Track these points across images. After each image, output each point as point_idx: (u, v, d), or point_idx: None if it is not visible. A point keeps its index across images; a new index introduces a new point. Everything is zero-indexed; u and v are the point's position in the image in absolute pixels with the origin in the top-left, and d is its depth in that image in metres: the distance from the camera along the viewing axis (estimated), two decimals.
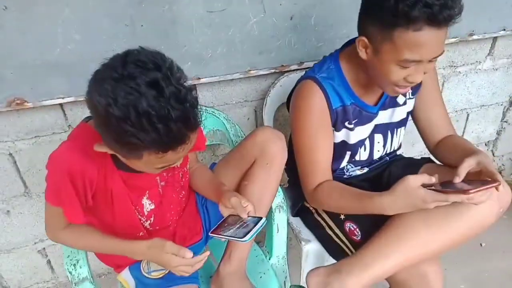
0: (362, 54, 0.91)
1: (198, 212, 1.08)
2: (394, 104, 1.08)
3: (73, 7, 1.02)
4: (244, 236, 0.79)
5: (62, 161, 0.76)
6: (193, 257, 0.83)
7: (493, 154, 2.02)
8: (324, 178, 1.03)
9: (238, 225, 0.84)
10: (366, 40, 0.89)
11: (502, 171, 2.08)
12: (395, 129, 1.13)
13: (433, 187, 0.82)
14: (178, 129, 0.64)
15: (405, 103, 1.09)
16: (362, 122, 1.05)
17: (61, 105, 1.20)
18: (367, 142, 1.10)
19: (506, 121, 1.92)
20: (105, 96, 0.62)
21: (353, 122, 1.04)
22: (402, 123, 1.13)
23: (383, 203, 0.88)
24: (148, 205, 0.90)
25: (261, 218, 0.83)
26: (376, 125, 1.08)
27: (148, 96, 0.61)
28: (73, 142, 0.79)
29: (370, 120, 1.06)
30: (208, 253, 0.85)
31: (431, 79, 1.08)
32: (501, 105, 1.87)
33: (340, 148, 1.07)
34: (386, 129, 1.11)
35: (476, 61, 1.68)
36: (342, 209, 1.04)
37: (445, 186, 0.83)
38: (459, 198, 0.78)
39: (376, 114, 1.06)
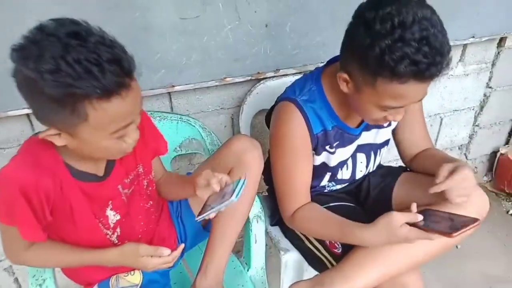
0: (343, 87, 0.87)
1: (172, 224, 1.05)
2: (378, 125, 1.04)
3: (36, 13, 0.97)
4: (231, 196, 0.75)
5: (13, 178, 0.70)
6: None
7: (466, 158, 2.07)
8: (302, 202, 1.01)
9: (220, 197, 0.80)
10: (347, 77, 0.84)
11: (475, 174, 2.13)
12: (379, 150, 1.10)
13: (416, 224, 0.81)
14: (113, 70, 0.61)
15: (389, 124, 1.06)
16: (343, 144, 1.02)
17: (27, 115, 1.15)
18: (349, 162, 1.07)
19: (477, 125, 1.97)
20: (31, 59, 0.60)
21: (335, 145, 1.01)
22: (386, 142, 1.10)
23: (364, 236, 0.87)
24: (112, 216, 0.86)
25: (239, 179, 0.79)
26: (358, 146, 1.06)
27: (73, 45, 0.60)
28: (22, 156, 0.74)
29: (352, 141, 1.03)
30: (183, 245, 0.84)
31: None
32: (473, 109, 1.92)
33: (321, 169, 1.05)
34: (370, 149, 1.08)
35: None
36: (322, 237, 1.03)
37: (427, 218, 0.82)
38: (442, 238, 0.77)
39: (358, 135, 1.03)
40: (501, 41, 1.74)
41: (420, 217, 0.81)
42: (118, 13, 1.04)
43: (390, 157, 1.79)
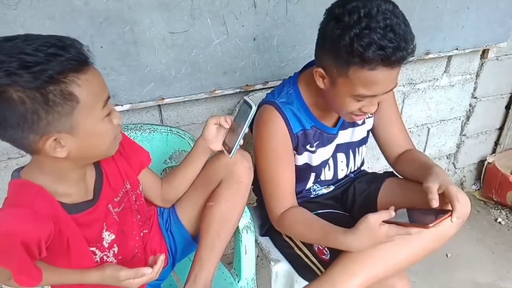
0: (320, 83, 0.93)
1: (163, 237, 1.05)
2: (353, 124, 1.10)
3: (28, 28, 0.99)
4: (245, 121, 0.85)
5: (16, 232, 0.66)
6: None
7: (454, 167, 2.10)
8: (289, 204, 1.03)
9: (235, 127, 0.90)
10: (323, 71, 0.90)
11: (463, 183, 2.16)
12: (356, 148, 1.15)
13: (394, 220, 0.84)
14: (71, 44, 0.66)
15: (364, 122, 1.12)
16: (323, 143, 1.07)
17: None
18: (330, 162, 1.12)
19: (464, 135, 2.01)
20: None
21: (315, 144, 1.05)
22: (363, 141, 1.15)
23: (347, 242, 0.88)
24: (107, 236, 0.86)
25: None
26: (337, 145, 1.10)
27: (26, 40, 0.64)
28: (18, 208, 0.70)
29: (331, 141, 1.08)
30: (163, 257, 0.83)
31: (388, 96, 1.12)
32: (459, 119, 1.95)
33: (304, 171, 1.08)
34: (348, 148, 1.13)
35: (434, 78, 1.76)
36: (307, 240, 1.05)
37: (404, 216, 0.86)
38: (419, 231, 0.80)
39: (336, 134, 1.08)
40: (484, 53, 1.79)
41: (393, 211, 0.83)
42: (108, 27, 1.06)
43: (379, 166, 1.82)
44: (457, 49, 1.61)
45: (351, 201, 1.17)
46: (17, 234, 0.66)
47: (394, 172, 1.17)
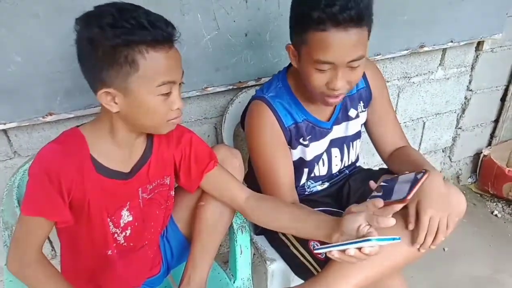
0: (293, 61, 0.93)
1: (158, 244, 1.03)
2: (347, 118, 1.09)
3: (10, 27, 0.96)
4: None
5: (41, 162, 0.75)
6: None
7: (450, 160, 2.09)
8: (288, 197, 1.01)
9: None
10: (292, 46, 0.91)
11: (459, 176, 2.16)
12: (351, 142, 1.13)
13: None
14: (160, 26, 0.72)
15: (357, 116, 1.10)
16: (316, 138, 1.05)
17: (4, 131, 1.13)
18: (324, 157, 1.10)
19: (460, 128, 2.00)
20: (93, 21, 0.71)
21: (307, 138, 1.03)
22: (357, 135, 1.14)
23: None
24: (126, 217, 0.87)
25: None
26: (331, 140, 1.09)
27: (126, 7, 0.72)
28: (56, 143, 0.78)
29: (324, 135, 1.06)
30: None
31: (380, 91, 1.10)
32: (455, 112, 1.94)
33: (298, 166, 1.07)
34: (342, 143, 1.12)
35: (429, 71, 1.75)
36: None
37: (384, 192, 0.85)
38: (400, 206, 0.80)
39: (330, 129, 1.07)
40: (479, 45, 1.78)
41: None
42: None
43: (375, 162, 1.80)
44: (451, 41, 1.60)
45: (346, 199, 1.16)
46: (42, 162, 0.75)
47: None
